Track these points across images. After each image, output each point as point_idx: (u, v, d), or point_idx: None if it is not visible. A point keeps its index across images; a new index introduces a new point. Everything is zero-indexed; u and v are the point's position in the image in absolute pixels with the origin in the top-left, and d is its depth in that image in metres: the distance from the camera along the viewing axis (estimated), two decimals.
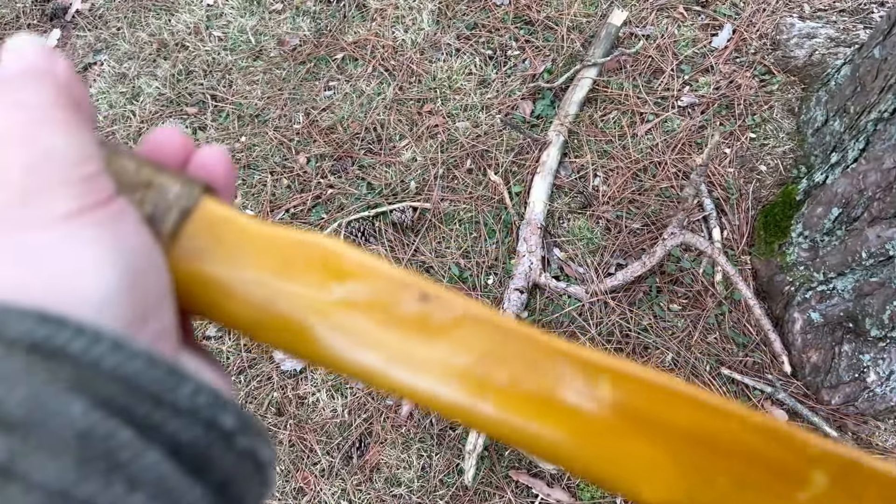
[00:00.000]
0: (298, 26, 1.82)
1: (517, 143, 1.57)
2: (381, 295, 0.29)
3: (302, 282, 0.28)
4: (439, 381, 0.28)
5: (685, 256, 1.42)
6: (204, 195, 0.30)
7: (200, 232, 0.29)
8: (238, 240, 0.29)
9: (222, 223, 0.29)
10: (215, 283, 0.28)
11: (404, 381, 0.28)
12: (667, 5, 1.68)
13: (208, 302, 0.29)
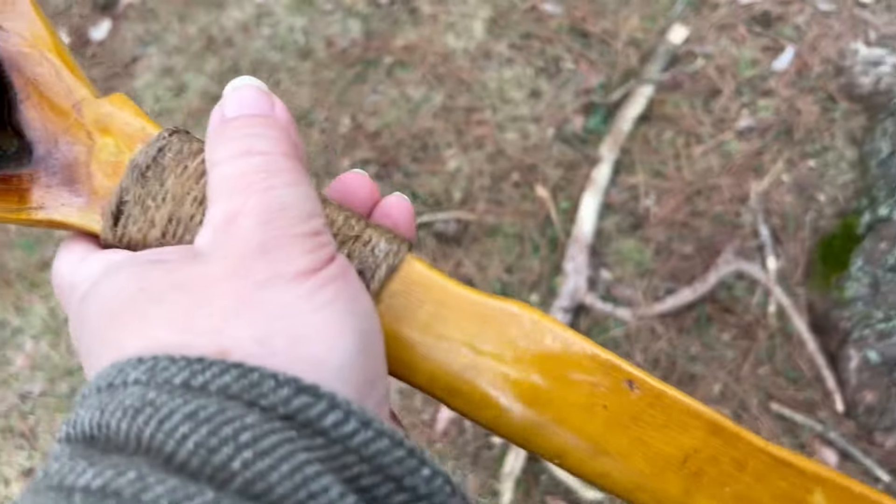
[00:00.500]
0: (348, 28, 1.80)
1: (567, 158, 1.53)
2: (585, 375, 0.26)
3: (503, 354, 0.27)
4: (647, 474, 0.26)
5: (738, 285, 1.37)
6: (409, 253, 0.29)
7: (403, 291, 0.28)
8: (440, 302, 0.28)
9: (425, 284, 0.28)
10: (414, 345, 0.27)
11: (610, 471, 0.26)
12: (728, 24, 1.64)
13: (405, 364, 0.28)
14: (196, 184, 0.30)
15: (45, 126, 0.32)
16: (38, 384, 1.47)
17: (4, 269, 1.57)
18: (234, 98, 0.28)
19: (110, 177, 0.32)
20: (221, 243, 0.24)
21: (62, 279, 0.30)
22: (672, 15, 1.66)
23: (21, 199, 0.32)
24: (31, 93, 0.32)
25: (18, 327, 1.52)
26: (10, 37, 0.32)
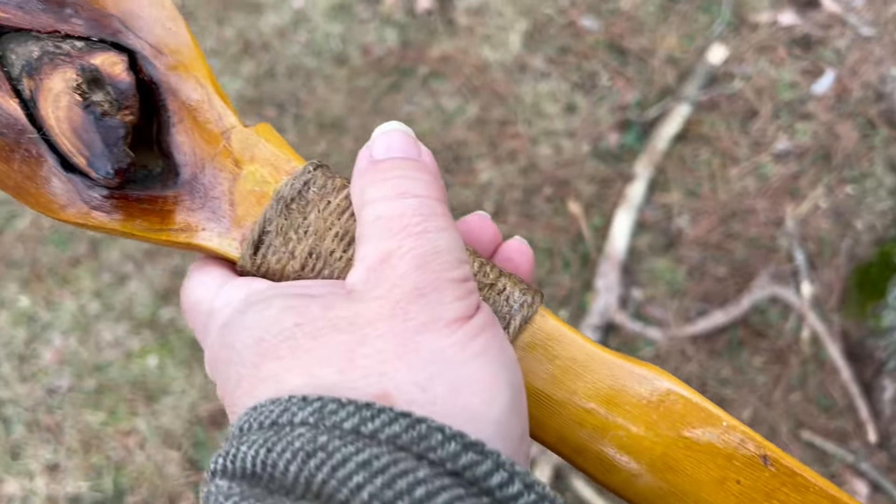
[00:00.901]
0: (385, 37, 1.80)
1: (601, 174, 1.53)
2: (719, 447, 0.26)
3: (634, 419, 0.26)
4: None
5: (771, 309, 1.36)
6: (541, 305, 0.28)
7: (535, 344, 0.28)
8: (571, 358, 0.27)
9: (557, 338, 0.28)
10: (544, 401, 0.27)
11: None
12: (767, 46, 1.63)
13: (534, 419, 0.27)
14: (338, 219, 0.30)
15: (194, 151, 0.32)
16: (66, 379, 1.48)
17: (37, 265, 1.58)
18: (383, 141, 0.28)
19: (253, 206, 0.32)
20: (376, 283, 0.24)
21: (198, 303, 0.30)
22: (711, 34, 1.65)
23: (164, 219, 0.32)
24: (185, 117, 0.33)
25: (48, 322, 1.53)
26: (169, 61, 0.33)
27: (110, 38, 0.33)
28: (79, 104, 0.31)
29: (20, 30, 0.33)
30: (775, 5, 1.67)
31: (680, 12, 1.70)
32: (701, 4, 1.70)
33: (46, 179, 0.32)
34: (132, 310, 1.52)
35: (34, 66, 0.32)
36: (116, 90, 0.32)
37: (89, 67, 0.32)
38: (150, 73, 0.33)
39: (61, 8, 0.33)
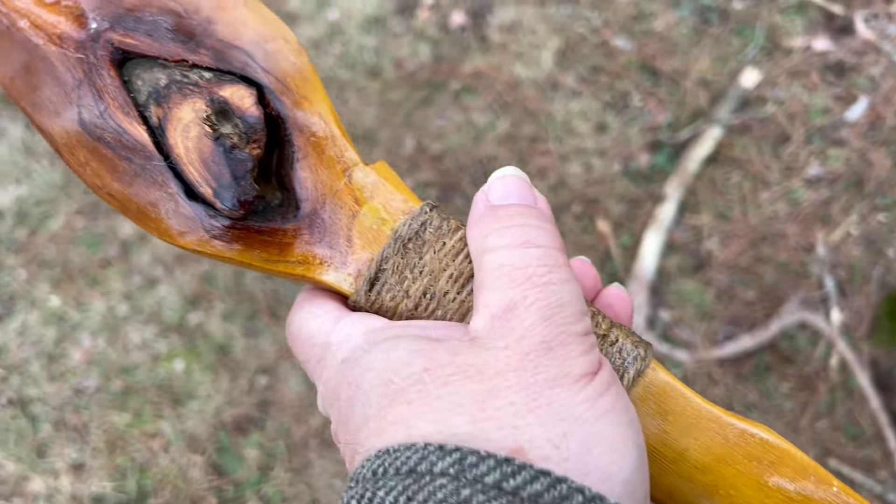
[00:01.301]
0: (418, 51, 1.82)
1: (631, 194, 1.53)
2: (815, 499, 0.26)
3: (747, 480, 0.26)
4: None
5: (800, 335, 1.35)
6: (653, 358, 0.29)
7: (646, 399, 0.28)
8: (682, 414, 0.27)
9: (668, 393, 0.28)
10: (656, 456, 0.27)
11: None
12: (800, 71, 1.63)
13: None
14: (453, 261, 0.31)
15: (315, 186, 0.33)
16: (94, 380, 1.49)
17: (68, 265, 1.61)
18: (500, 185, 0.29)
19: (370, 243, 0.33)
20: (501, 332, 0.24)
21: (312, 336, 0.31)
22: (744, 58, 1.66)
23: (282, 251, 0.33)
24: (309, 153, 0.33)
25: (78, 322, 1.55)
26: (294, 97, 0.34)
27: (238, 70, 0.34)
28: (209, 135, 0.32)
29: (146, 56, 0.34)
30: (809, 31, 1.67)
31: (713, 35, 1.70)
32: (734, 28, 1.70)
33: (169, 206, 0.32)
34: (161, 313, 1.54)
35: (162, 93, 0.33)
36: (245, 124, 0.32)
37: (218, 99, 0.33)
38: (277, 107, 0.33)
39: (189, 38, 0.34)
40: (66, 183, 1.70)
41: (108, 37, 0.34)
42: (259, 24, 0.34)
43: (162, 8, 0.34)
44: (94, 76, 0.33)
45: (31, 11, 0.34)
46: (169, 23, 0.34)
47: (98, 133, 0.33)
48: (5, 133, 1.78)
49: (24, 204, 1.69)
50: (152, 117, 0.33)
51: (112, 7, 0.34)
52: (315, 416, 1.42)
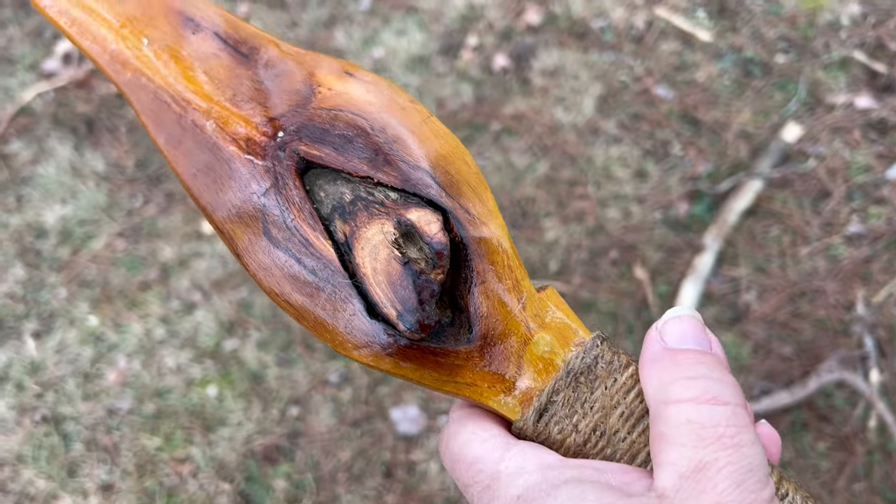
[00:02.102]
0: (460, 91, 1.85)
1: (669, 242, 1.53)
2: None
3: None
4: None
5: (838, 394, 1.34)
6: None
7: None
8: None
9: None
10: None
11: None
12: (842, 128, 1.63)
13: None
14: (624, 398, 0.31)
15: (490, 312, 0.33)
16: (127, 401, 1.51)
17: (108, 286, 1.63)
18: (676, 327, 0.29)
19: (540, 372, 0.33)
20: (691, 494, 0.24)
21: (478, 461, 0.30)
22: (786, 113, 1.66)
23: (452, 372, 0.33)
24: (487, 279, 0.33)
25: (114, 343, 1.57)
26: (476, 222, 0.34)
27: (422, 192, 0.34)
28: (398, 259, 0.32)
29: (328, 167, 0.34)
30: (852, 88, 1.68)
31: (755, 88, 1.71)
32: (777, 82, 1.71)
33: (347, 321, 0.32)
34: (196, 338, 1.55)
35: (347, 210, 0.33)
36: (432, 249, 0.32)
37: (405, 222, 0.33)
38: (460, 233, 0.33)
39: (375, 155, 0.34)
40: (109, 205, 1.74)
41: (295, 147, 0.34)
42: (441, 146, 0.35)
43: (349, 123, 0.34)
44: (281, 185, 0.34)
45: (219, 113, 0.35)
46: (355, 138, 0.34)
47: (283, 243, 0.33)
48: (54, 153, 1.83)
49: (68, 223, 1.73)
50: (337, 233, 0.33)
51: (300, 117, 0.35)
52: (344, 450, 1.42)
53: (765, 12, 1.82)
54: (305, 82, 0.36)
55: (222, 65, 0.36)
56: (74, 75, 1.97)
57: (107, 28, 0.36)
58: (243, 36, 0.37)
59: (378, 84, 0.35)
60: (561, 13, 1.91)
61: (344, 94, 0.35)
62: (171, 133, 0.35)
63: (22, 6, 2.11)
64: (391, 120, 0.34)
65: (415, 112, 0.35)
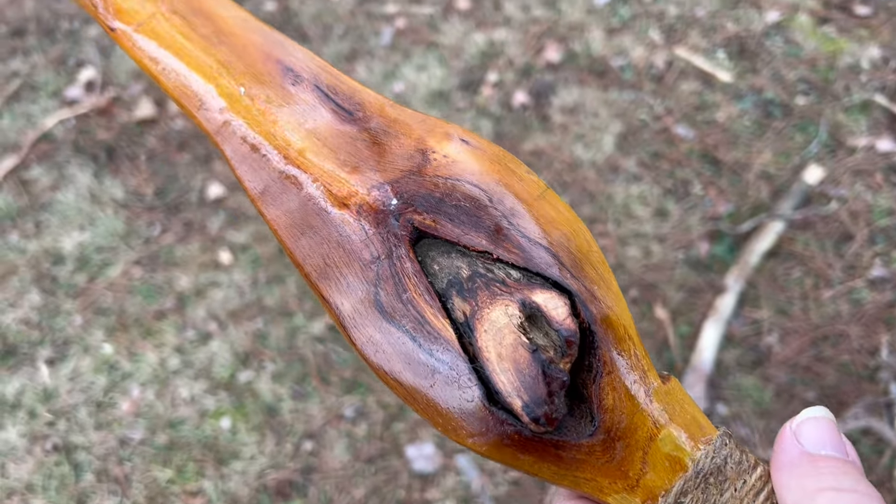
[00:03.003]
0: (479, 126, 1.85)
1: (690, 282, 1.52)
2: None
3: None
4: None
5: (863, 440, 1.31)
6: None
7: None
8: None
9: None
10: None
11: None
12: (864, 170, 1.62)
13: None
14: (753, 501, 0.30)
15: (615, 405, 0.31)
16: (139, 432, 1.49)
17: (123, 314, 1.63)
18: (813, 430, 0.28)
19: (666, 471, 0.31)
20: None
21: None
22: (807, 154, 1.66)
23: (571, 467, 0.31)
24: (613, 369, 0.31)
25: (128, 372, 1.56)
26: (601, 308, 0.32)
27: (544, 272, 0.31)
28: (526, 346, 0.30)
29: (442, 238, 0.32)
30: (873, 131, 1.68)
31: (776, 129, 1.71)
32: (798, 124, 1.71)
33: (464, 407, 0.30)
34: (211, 369, 1.54)
35: (466, 286, 0.31)
36: (560, 336, 0.30)
37: (531, 305, 0.30)
38: (587, 318, 0.31)
39: (494, 229, 0.32)
40: (127, 233, 1.74)
41: (410, 216, 0.32)
42: (561, 221, 0.33)
43: (466, 193, 0.32)
44: (394, 256, 0.32)
45: (326, 174, 0.33)
46: (472, 209, 0.32)
47: (396, 318, 0.31)
48: (74, 180, 1.84)
49: (85, 250, 1.73)
50: (456, 311, 0.31)
51: (414, 185, 0.33)
52: (358, 488, 1.40)
53: (785, 54, 1.83)
54: (418, 147, 0.34)
55: (325, 121, 0.34)
56: (96, 103, 1.99)
57: (199, 72, 0.35)
58: (346, 90, 0.35)
59: (494, 153, 0.34)
60: (581, 51, 1.92)
61: (460, 162, 0.33)
62: (267, 187, 0.33)
63: (46, 34, 2.14)
64: (509, 192, 0.32)
65: (532, 184, 0.33)
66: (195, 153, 1.86)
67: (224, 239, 1.71)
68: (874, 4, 1.89)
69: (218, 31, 0.37)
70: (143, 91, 2.00)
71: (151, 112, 1.97)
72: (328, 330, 1.56)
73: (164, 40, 0.36)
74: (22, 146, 1.91)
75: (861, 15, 1.88)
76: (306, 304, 1.60)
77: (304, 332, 1.56)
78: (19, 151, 1.90)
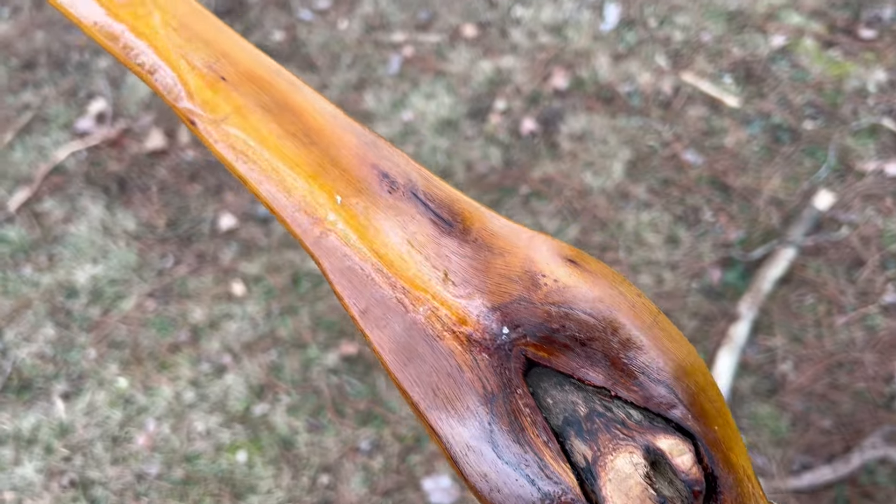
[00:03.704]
0: (489, 154, 1.86)
1: (703, 310, 1.52)
2: None
3: None
4: None
5: (881, 470, 1.31)
6: None
7: None
8: None
9: None
10: None
11: None
12: (874, 195, 1.63)
13: None
14: None
15: None
16: (155, 466, 1.49)
17: (138, 347, 1.63)
18: None
19: None
20: None
21: None
22: (816, 179, 1.67)
23: None
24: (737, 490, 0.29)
25: (144, 406, 1.56)
26: (724, 451, 0.30)
27: (664, 412, 0.29)
28: (654, 499, 0.28)
29: (554, 369, 0.30)
30: (882, 155, 1.69)
31: (785, 154, 1.72)
32: (806, 148, 1.72)
33: None
34: (226, 402, 1.54)
35: (585, 427, 0.29)
36: (686, 486, 0.28)
37: (655, 450, 0.29)
38: (710, 464, 0.29)
39: (610, 363, 0.30)
40: (140, 265, 1.75)
41: (522, 347, 0.30)
42: (677, 352, 0.30)
43: (580, 323, 0.30)
44: (508, 390, 0.30)
45: (435, 301, 0.31)
46: (586, 340, 0.30)
47: (513, 459, 0.29)
48: (86, 212, 1.85)
49: (98, 283, 1.74)
50: (575, 454, 0.29)
51: (526, 313, 0.31)
52: None
53: (791, 78, 1.84)
54: (525, 269, 0.31)
55: (426, 234, 0.32)
56: (107, 134, 2.01)
57: (290, 176, 0.33)
58: (443, 198, 0.33)
59: (605, 276, 0.31)
60: (588, 78, 1.94)
61: (571, 287, 0.31)
62: (370, 307, 0.31)
63: (57, 66, 2.16)
64: (623, 320, 0.30)
65: (645, 310, 0.31)
66: (206, 184, 1.87)
67: (237, 270, 1.71)
68: (879, 27, 1.90)
69: (307, 130, 0.34)
70: (153, 122, 2.02)
71: (162, 143, 1.98)
72: (342, 361, 1.57)
73: (250, 138, 0.34)
74: (34, 179, 1.92)
75: (866, 38, 1.89)
76: (320, 336, 1.61)
77: (318, 363, 1.57)
78: (32, 184, 1.92)
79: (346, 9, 2.16)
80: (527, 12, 2.07)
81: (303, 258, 1.71)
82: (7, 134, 2.02)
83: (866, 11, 1.94)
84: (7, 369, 1.63)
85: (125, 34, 0.37)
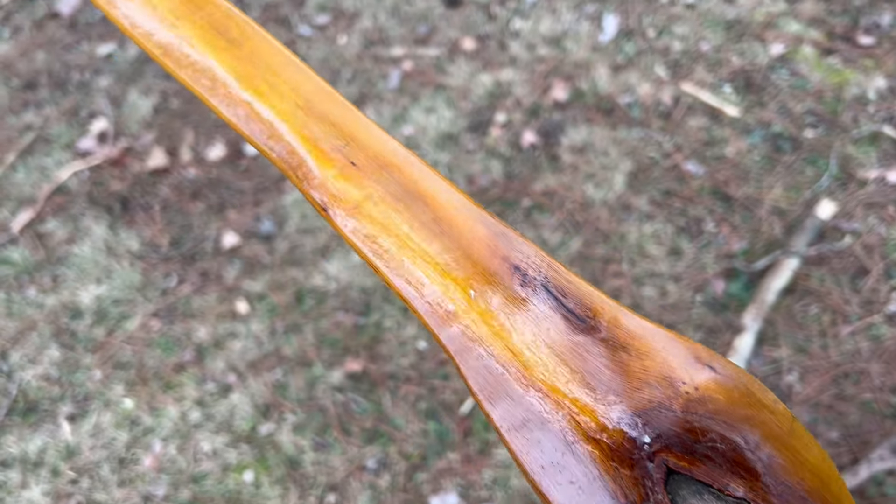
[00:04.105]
0: (489, 168, 1.86)
1: (708, 321, 1.52)
2: None
3: None
4: None
5: (889, 482, 1.31)
6: None
7: None
8: None
9: None
10: None
11: None
12: (876, 203, 1.63)
13: None
14: None
15: None
16: (162, 488, 1.49)
17: (143, 368, 1.63)
18: None
19: None
20: None
21: None
22: (818, 188, 1.67)
23: None
24: None
25: (150, 427, 1.56)
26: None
27: None
28: None
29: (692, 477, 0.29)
30: (884, 163, 1.69)
31: (786, 163, 1.72)
32: (807, 157, 1.72)
33: None
34: (232, 422, 1.54)
35: None
36: None
37: None
38: None
39: (752, 475, 0.29)
40: (144, 284, 1.75)
41: (664, 457, 0.29)
42: (814, 463, 0.30)
43: (721, 434, 0.29)
44: (649, 502, 0.29)
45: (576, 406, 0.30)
46: (728, 451, 0.29)
47: None
48: (89, 232, 1.85)
49: (102, 303, 1.74)
50: None
51: (667, 422, 0.30)
52: None
53: (791, 87, 1.84)
54: (664, 374, 0.30)
55: (560, 332, 0.31)
56: (109, 153, 2.01)
57: (423, 269, 0.32)
58: (575, 293, 0.32)
59: (742, 382, 0.30)
60: (587, 89, 1.94)
61: (713, 398, 0.30)
62: (511, 412, 0.29)
63: (58, 86, 2.16)
64: (763, 433, 0.29)
65: (782, 417, 0.30)
66: (209, 202, 1.88)
67: (240, 288, 1.72)
68: (877, 34, 1.91)
69: (437, 219, 0.33)
70: (154, 140, 2.02)
71: (164, 161, 1.98)
72: (347, 379, 1.57)
73: (383, 229, 0.33)
74: (37, 200, 1.93)
75: (865, 45, 1.89)
76: (324, 353, 1.61)
77: (323, 381, 1.57)
78: (35, 205, 1.92)
79: (345, 24, 2.17)
80: (525, 24, 2.07)
81: (306, 275, 1.72)
82: (10, 155, 2.02)
83: (864, 18, 1.94)
84: (13, 392, 1.63)
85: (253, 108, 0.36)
